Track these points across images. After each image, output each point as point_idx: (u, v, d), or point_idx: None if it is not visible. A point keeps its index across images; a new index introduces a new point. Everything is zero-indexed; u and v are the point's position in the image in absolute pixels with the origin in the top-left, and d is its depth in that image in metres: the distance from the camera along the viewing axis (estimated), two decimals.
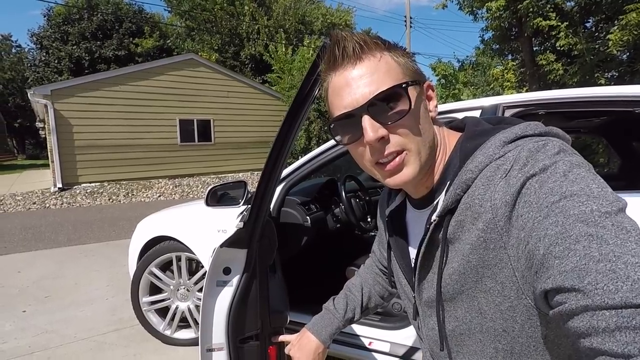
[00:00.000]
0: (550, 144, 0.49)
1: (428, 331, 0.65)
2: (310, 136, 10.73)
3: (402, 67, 0.57)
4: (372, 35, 0.58)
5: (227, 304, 1.03)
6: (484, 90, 12.40)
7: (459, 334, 0.57)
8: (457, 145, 0.60)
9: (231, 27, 18.48)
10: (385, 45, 0.57)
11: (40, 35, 19.71)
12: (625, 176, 2.47)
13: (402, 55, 0.58)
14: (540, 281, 0.40)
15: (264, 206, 1.00)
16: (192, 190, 10.26)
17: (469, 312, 0.55)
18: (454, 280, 0.55)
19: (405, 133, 0.55)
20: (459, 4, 9.11)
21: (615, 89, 1.46)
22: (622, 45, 5.97)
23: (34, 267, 4.09)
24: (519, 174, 0.47)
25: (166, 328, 2.37)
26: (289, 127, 0.97)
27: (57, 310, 2.97)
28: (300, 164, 1.94)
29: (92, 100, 9.83)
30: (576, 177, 0.43)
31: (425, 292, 0.62)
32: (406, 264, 0.68)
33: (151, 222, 2.49)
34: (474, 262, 0.51)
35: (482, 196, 0.50)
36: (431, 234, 0.57)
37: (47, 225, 6.48)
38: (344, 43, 0.56)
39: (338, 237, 2.45)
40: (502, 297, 0.49)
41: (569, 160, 0.46)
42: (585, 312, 0.34)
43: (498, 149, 0.52)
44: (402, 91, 0.55)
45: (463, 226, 0.53)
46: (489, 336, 0.53)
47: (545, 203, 0.42)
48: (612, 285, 0.33)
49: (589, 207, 0.39)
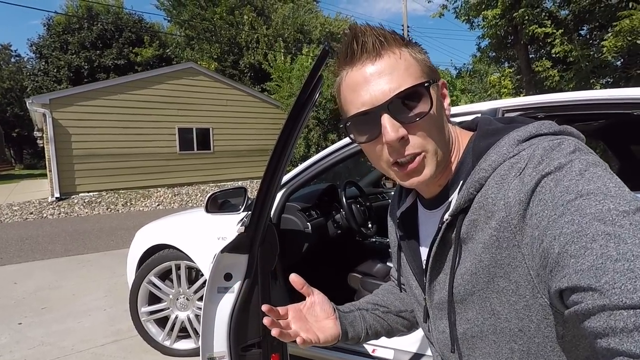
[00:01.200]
0: (565, 142, 0.48)
1: (439, 334, 0.63)
2: (309, 144, 10.75)
3: (421, 64, 0.56)
4: (390, 30, 0.57)
5: (228, 311, 1.01)
6: (481, 97, 12.50)
7: (471, 336, 0.56)
8: (470, 144, 0.59)
9: (230, 36, 18.62)
10: (404, 42, 0.56)
11: (40, 45, 19.80)
12: (623, 178, 2.47)
13: (419, 52, 0.57)
14: (555, 280, 0.39)
15: (265, 211, 0.99)
16: (192, 199, 10.23)
17: (481, 314, 0.53)
18: (466, 280, 0.54)
19: (425, 134, 0.54)
20: (455, 12, 9.21)
21: (613, 91, 1.47)
22: (616, 52, 6.03)
23: (31, 278, 4.05)
24: (534, 172, 0.46)
25: (165, 338, 2.34)
26: (289, 133, 0.96)
27: (54, 322, 2.93)
28: (300, 170, 1.94)
29: (90, 109, 9.84)
30: (592, 176, 0.42)
31: (437, 293, 0.61)
32: (417, 265, 0.67)
33: (150, 231, 2.47)
34: (486, 261, 0.50)
35: (495, 195, 0.49)
36: (443, 233, 0.56)
37: (44, 235, 6.43)
38: (363, 38, 0.54)
39: (339, 243, 2.44)
40: (517, 297, 0.48)
41: (585, 159, 0.45)
42: (602, 311, 0.34)
43: (512, 147, 0.51)
44: (424, 90, 0.54)
45: (476, 225, 0.52)
46: (504, 337, 0.52)
47: (560, 201, 0.41)
48: (630, 284, 0.32)
49: (606, 205, 0.39)
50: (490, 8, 7.82)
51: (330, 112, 10.38)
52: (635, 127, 2.06)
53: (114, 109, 10.16)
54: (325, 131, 10.62)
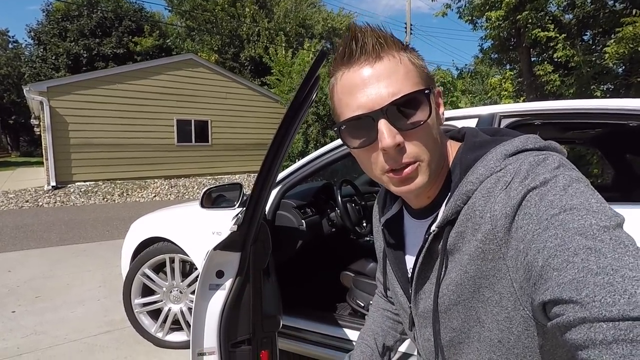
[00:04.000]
0: (550, 158, 0.49)
1: (424, 342, 0.64)
2: (307, 139, 10.74)
3: (420, 71, 0.56)
4: (389, 33, 0.56)
5: (219, 308, 1.02)
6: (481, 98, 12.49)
7: (458, 343, 0.57)
8: (458, 155, 0.59)
9: (231, 28, 18.51)
10: (403, 46, 0.56)
11: (38, 31, 19.63)
12: (618, 188, 2.49)
13: (417, 58, 0.57)
14: (538, 292, 0.40)
15: (258, 209, 1.00)
16: (188, 191, 10.22)
17: (466, 322, 0.54)
18: (451, 290, 0.54)
19: (421, 143, 0.53)
20: (459, 12, 9.19)
21: (610, 101, 1.48)
22: (617, 59, 6.04)
23: (25, 267, 4.04)
24: (520, 187, 0.47)
25: (158, 330, 2.35)
26: (286, 131, 0.96)
27: (47, 311, 2.93)
28: (297, 167, 1.94)
29: (89, 98, 9.78)
30: (575, 192, 0.44)
31: (422, 302, 0.62)
32: (402, 274, 0.67)
33: (145, 223, 2.48)
34: (471, 272, 0.51)
35: (482, 207, 0.50)
36: (430, 244, 0.57)
37: (39, 224, 6.42)
38: (363, 38, 0.52)
39: (333, 241, 2.45)
40: (500, 307, 0.49)
41: (568, 174, 0.46)
42: (582, 324, 0.34)
43: (499, 161, 0.52)
44: (423, 98, 0.53)
45: (463, 237, 0.53)
46: (486, 346, 0.53)
47: (545, 216, 0.43)
48: (609, 297, 0.33)
49: (587, 221, 0.40)
50: (494, 9, 7.80)
51: (330, 109, 10.35)
52: (631, 137, 2.08)
53: (112, 99, 10.10)
54: (324, 127, 10.61)
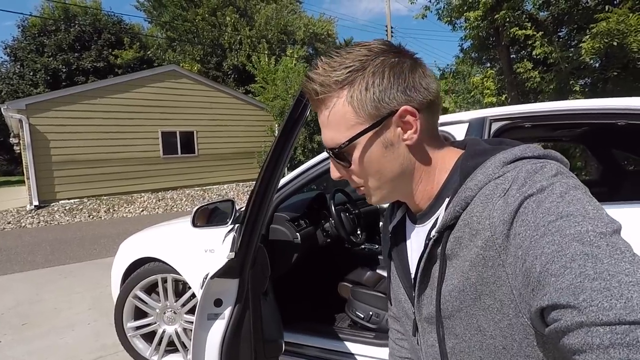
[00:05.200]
0: (548, 166, 0.51)
1: (427, 348, 0.65)
2: (295, 146, 10.72)
3: (360, 108, 0.56)
4: (337, 66, 0.56)
5: (219, 338, 0.98)
6: (465, 97, 12.67)
7: (459, 351, 0.57)
8: (458, 163, 0.61)
9: (213, 37, 18.42)
10: (348, 80, 0.56)
11: (15, 47, 19.19)
12: (605, 182, 2.54)
13: (365, 87, 0.56)
14: (536, 298, 0.41)
15: (255, 233, 0.97)
16: (176, 204, 10.07)
17: (468, 330, 0.55)
18: (454, 297, 0.55)
19: (359, 176, 0.61)
20: (438, 14, 9.30)
21: (595, 102, 1.51)
22: (594, 53, 6.19)
23: (10, 292, 3.90)
24: (517, 194, 0.48)
25: (153, 354, 2.28)
26: (282, 150, 0.94)
27: (35, 339, 2.83)
28: (289, 179, 1.92)
29: (70, 114, 9.58)
30: (572, 199, 0.45)
31: (425, 308, 0.63)
32: (407, 279, 0.69)
33: (134, 243, 2.41)
34: (473, 279, 0.52)
35: (480, 214, 0.51)
36: (430, 249, 0.58)
37: (23, 245, 6.23)
38: (311, 85, 0.58)
39: (328, 252, 2.42)
40: (502, 315, 0.50)
41: (565, 182, 0.47)
42: (579, 328, 0.35)
43: (497, 168, 0.53)
44: (351, 147, 0.58)
45: (461, 243, 0.54)
46: (490, 353, 0.53)
47: (542, 222, 0.43)
48: (606, 302, 0.34)
49: (584, 227, 0.41)
50: (472, 10, 7.92)
51: (315, 114, 10.35)
52: (617, 136, 2.12)
53: (94, 114, 9.92)
54: (311, 133, 10.60)
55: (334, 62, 0.56)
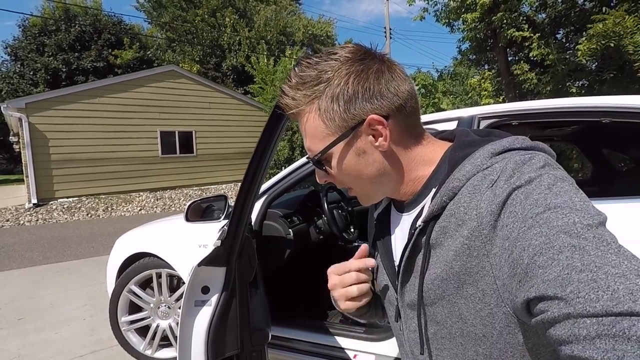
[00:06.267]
0: (536, 157, 0.51)
1: (410, 333, 0.66)
2: (294, 146, 10.73)
3: (328, 120, 0.58)
4: (307, 79, 0.57)
5: (206, 324, 1.00)
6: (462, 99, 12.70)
7: (440, 337, 0.58)
8: (446, 153, 0.61)
9: (212, 38, 18.44)
10: (315, 94, 0.57)
11: (15, 47, 19.19)
12: (596, 181, 2.56)
13: (333, 99, 0.57)
14: (523, 289, 0.41)
15: (241, 223, 0.99)
16: (174, 203, 10.09)
17: (449, 317, 0.56)
18: (436, 285, 0.55)
19: (343, 179, 0.63)
20: (436, 16, 9.33)
21: (582, 100, 1.54)
22: (590, 55, 6.21)
23: (7, 288, 3.92)
24: (505, 185, 0.48)
25: (147, 348, 2.30)
26: (267, 142, 0.96)
27: (31, 333, 2.85)
28: (282, 176, 1.94)
29: (69, 113, 9.60)
30: (560, 190, 0.45)
31: (408, 295, 0.63)
32: (390, 266, 0.69)
33: (130, 239, 2.43)
34: (456, 268, 0.52)
35: (467, 204, 0.51)
36: (415, 238, 0.58)
37: (21, 243, 6.24)
38: (282, 101, 0.60)
39: (321, 248, 2.44)
40: (483, 304, 0.50)
41: (553, 174, 0.47)
42: (566, 319, 0.35)
43: (486, 159, 0.53)
44: (324, 157, 0.61)
45: (446, 232, 0.54)
46: (470, 340, 0.54)
47: (530, 214, 0.43)
48: (593, 294, 0.34)
49: (571, 219, 0.41)
50: (469, 11, 7.95)
51: None
52: (605, 134, 2.15)
53: (93, 113, 9.94)
54: None
55: (303, 74, 0.57)
